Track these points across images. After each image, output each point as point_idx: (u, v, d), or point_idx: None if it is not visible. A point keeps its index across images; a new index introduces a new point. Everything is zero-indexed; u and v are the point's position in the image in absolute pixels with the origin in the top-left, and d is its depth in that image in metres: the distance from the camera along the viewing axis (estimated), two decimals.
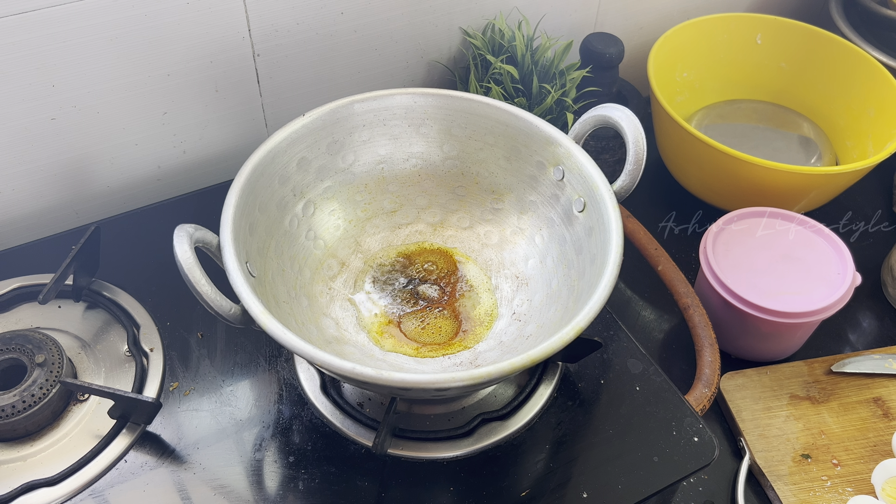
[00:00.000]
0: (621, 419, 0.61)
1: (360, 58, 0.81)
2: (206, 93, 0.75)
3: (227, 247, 0.52)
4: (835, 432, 0.70)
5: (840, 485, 0.66)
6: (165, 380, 0.63)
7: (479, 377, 0.47)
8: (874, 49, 0.92)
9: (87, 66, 0.68)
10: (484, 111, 0.65)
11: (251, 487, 0.56)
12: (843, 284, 0.72)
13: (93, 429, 0.59)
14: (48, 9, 0.63)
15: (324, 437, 0.59)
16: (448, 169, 0.69)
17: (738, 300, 0.72)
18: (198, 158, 0.80)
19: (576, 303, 0.56)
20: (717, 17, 0.96)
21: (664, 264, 0.75)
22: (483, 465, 0.58)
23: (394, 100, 0.66)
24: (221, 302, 0.51)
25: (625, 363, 0.65)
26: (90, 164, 0.75)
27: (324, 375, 0.62)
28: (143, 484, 0.56)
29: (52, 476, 0.56)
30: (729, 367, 0.75)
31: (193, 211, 0.76)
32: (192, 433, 0.59)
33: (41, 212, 0.76)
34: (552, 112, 0.80)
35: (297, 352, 0.47)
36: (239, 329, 0.57)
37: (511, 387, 0.63)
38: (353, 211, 0.68)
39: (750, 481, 0.68)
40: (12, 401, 0.57)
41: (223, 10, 0.70)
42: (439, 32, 0.84)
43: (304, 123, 0.62)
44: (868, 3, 0.95)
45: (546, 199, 0.65)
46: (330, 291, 0.65)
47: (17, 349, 0.60)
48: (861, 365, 0.75)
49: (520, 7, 0.86)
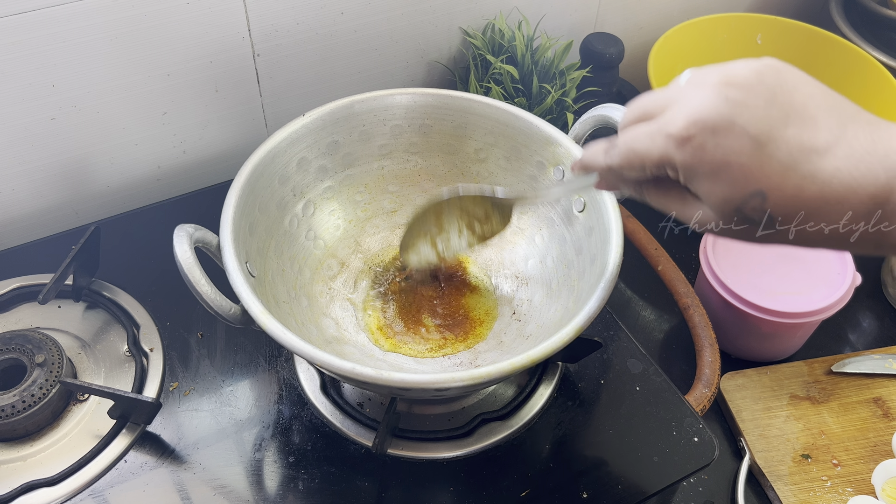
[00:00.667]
0: (621, 419, 0.61)
1: (360, 58, 0.81)
2: (206, 93, 0.75)
3: (227, 247, 0.52)
4: (835, 432, 0.70)
5: (840, 485, 0.66)
6: (165, 380, 0.63)
7: (479, 377, 0.47)
8: (874, 49, 0.92)
9: (87, 66, 0.68)
10: (484, 111, 0.65)
11: (251, 487, 0.56)
12: (843, 284, 0.72)
13: (93, 429, 0.59)
14: (48, 9, 0.63)
15: (324, 437, 0.59)
16: (448, 169, 0.69)
17: (738, 300, 0.72)
18: (198, 158, 0.80)
19: (576, 303, 0.56)
20: (717, 17, 0.96)
21: (664, 264, 0.75)
22: (483, 465, 0.58)
23: (394, 100, 0.66)
24: (221, 302, 0.51)
25: (625, 363, 0.65)
26: (90, 164, 0.75)
27: (324, 375, 0.62)
28: (143, 484, 0.56)
29: (52, 476, 0.56)
30: (729, 368, 0.75)
31: (193, 211, 0.76)
32: (192, 433, 0.59)
33: (41, 212, 0.76)
34: (552, 112, 0.80)
35: (297, 352, 0.47)
36: (239, 329, 0.57)
37: (511, 387, 0.63)
38: (353, 211, 0.68)
39: (750, 481, 0.68)
40: (12, 401, 0.57)
41: (223, 10, 0.70)
42: (439, 32, 0.84)
43: (304, 123, 0.62)
44: (868, 3, 0.95)
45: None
46: (330, 291, 0.65)
47: (17, 349, 0.60)
48: (861, 365, 0.75)
49: (520, 7, 0.86)
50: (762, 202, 0.37)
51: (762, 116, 0.37)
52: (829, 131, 0.37)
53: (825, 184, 0.36)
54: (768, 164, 0.36)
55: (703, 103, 0.37)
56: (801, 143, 0.36)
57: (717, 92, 0.37)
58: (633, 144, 0.41)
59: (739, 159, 0.37)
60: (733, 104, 0.37)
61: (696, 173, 0.38)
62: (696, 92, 0.38)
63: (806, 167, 0.36)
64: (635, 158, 0.41)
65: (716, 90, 0.37)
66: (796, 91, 0.37)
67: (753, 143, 0.36)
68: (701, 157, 0.37)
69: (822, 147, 0.36)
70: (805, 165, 0.36)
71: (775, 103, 0.37)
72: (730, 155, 0.37)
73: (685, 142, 0.38)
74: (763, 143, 0.36)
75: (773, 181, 0.37)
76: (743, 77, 0.37)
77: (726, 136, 0.37)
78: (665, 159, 0.39)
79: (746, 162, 0.37)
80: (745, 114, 0.37)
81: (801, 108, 0.37)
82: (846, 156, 0.36)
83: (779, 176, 0.36)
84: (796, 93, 0.37)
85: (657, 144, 0.39)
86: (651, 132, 0.40)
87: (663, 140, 0.39)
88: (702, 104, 0.37)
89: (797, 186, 0.36)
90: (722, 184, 0.38)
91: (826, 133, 0.37)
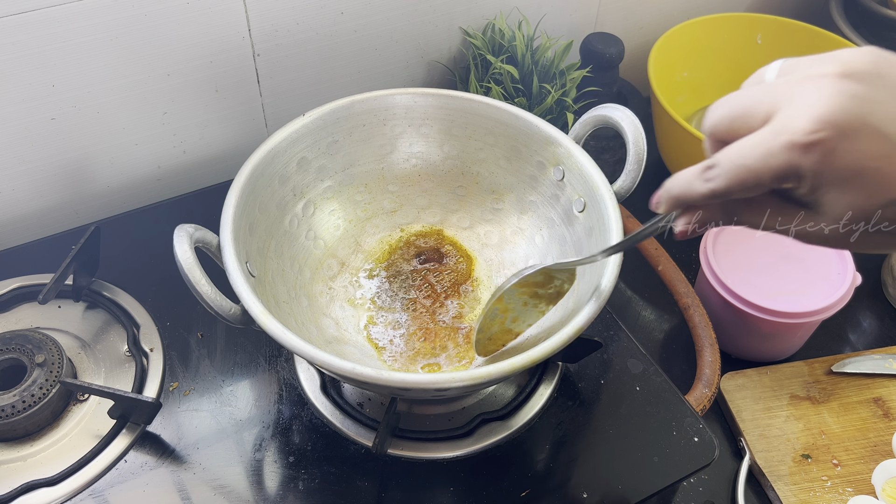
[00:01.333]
0: (621, 419, 0.61)
1: (360, 58, 0.81)
2: (206, 93, 0.75)
3: (227, 247, 0.52)
4: (835, 432, 0.70)
5: (840, 485, 0.66)
6: (165, 380, 0.63)
7: (479, 377, 0.47)
8: None
9: (87, 66, 0.68)
10: (484, 111, 0.65)
11: (251, 487, 0.56)
12: (843, 284, 0.72)
13: (93, 429, 0.59)
14: (48, 9, 0.63)
15: (324, 438, 0.59)
16: (448, 169, 0.69)
17: (739, 300, 0.72)
18: (198, 158, 0.80)
19: (576, 303, 0.56)
20: (717, 17, 0.96)
21: (664, 264, 0.75)
22: (483, 465, 0.58)
23: (394, 100, 0.66)
24: (221, 302, 0.51)
25: (625, 363, 0.65)
26: (90, 164, 0.75)
27: (324, 375, 0.62)
28: (143, 484, 0.56)
29: (52, 476, 0.56)
30: (729, 368, 0.75)
31: (193, 211, 0.76)
32: (192, 433, 0.59)
33: (41, 212, 0.76)
34: (552, 112, 0.80)
35: (297, 352, 0.47)
36: (239, 329, 0.57)
37: (511, 387, 0.63)
38: (353, 211, 0.68)
39: (750, 481, 0.68)
40: (12, 401, 0.57)
41: (223, 10, 0.70)
42: (439, 32, 0.84)
43: (304, 123, 0.62)
44: (868, 3, 0.95)
45: (546, 199, 0.65)
46: (330, 291, 0.65)
47: (17, 349, 0.60)
48: (861, 365, 0.75)
49: (520, 7, 0.86)
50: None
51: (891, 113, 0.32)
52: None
53: None
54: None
55: (827, 101, 0.32)
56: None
57: (838, 86, 0.32)
58: (744, 160, 0.34)
59: (875, 164, 0.32)
60: (861, 101, 0.32)
61: (823, 182, 0.33)
62: (811, 87, 0.33)
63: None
64: (749, 177, 0.34)
65: (836, 85, 0.32)
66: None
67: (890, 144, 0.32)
68: (831, 163, 0.32)
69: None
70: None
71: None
72: (865, 160, 0.32)
73: (812, 147, 0.32)
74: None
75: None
76: (861, 68, 0.32)
77: (859, 138, 0.32)
78: (790, 170, 0.33)
79: (883, 166, 0.32)
80: (875, 111, 0.32)
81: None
82: None
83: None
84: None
85: (778, 155, 0.33)
86: (765, 141, 0.33)
87: (785, 148, 0.32)
88: (824, 102, 0.32)
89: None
90: (854, 193, 0.33)
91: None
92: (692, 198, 0.37)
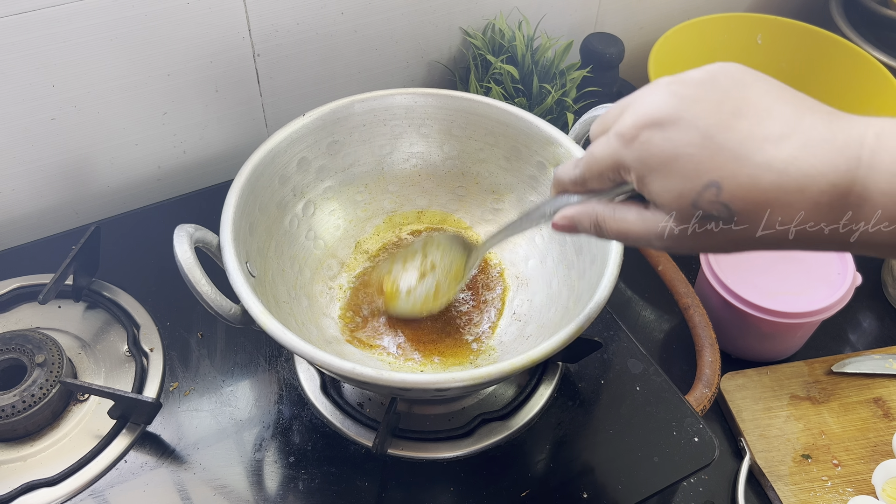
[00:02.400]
0: (621, 419, 0.61)
1: (360, 58, 0.81)
2: (206, 93, 0.75)
3: (227, 247, 0.52)
4: (835, 432, 0.70)
5: (840, 485, 0.66)
6: (165, 380, 0.63)
7: (479, 377, 0.47)
8: (874, 49, 0.92)
9: (87, 66, 0.68)
10: (484, 111, 0.65)
11: (251, 487, 0.56)
12: (843, 284, 0.72)
13: (93, 429, 0.59)
14: (48, 9, 0.63)
15: (324, 438, 0.59)
16: (448, 169, 0.69)
17: (739, 300, 0.72)
18: (198, 158, 0.80)
19: (576, 303, 0.56)
20: (717, 17, 0.96)
21: (664, 264, 0.75)
22: (483, 465, 0.58)
23: (394, 100, 0.66)
24: (221, 302, 0.51)
25: (625, 363, 0.65)
26: (90, 164, 0.75)
27: (324, 375, 0.62)
28: (143, 484, 0.56)
29: (52, 476, 0.56)
30: (729, 368, 0.75)
31: (193, 211, 0.76)
32: (192, 433, 0.59)
33: (41, 212, 0.76)
34: (552, 112, 0.80)
35: (297, 352, 0.47)
36: (239, 329, 0.57)
37: (511, 387, 0.63)
38: (353, 211, 0.68)
39: (750, 481, 0.68)
40: (12, 401, 0.57)
41: (223, 10, 0.70)
42: (439, 32, 0.84)
43: (304, 123, 0.62)
44: (868, 3, 0.95)
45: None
46: (330, 291, 0.65)
47: (17, 349, 0.60)
48: (861, 365, 0.75)
49: (520, 7, 0.86)
50: (717, 193, 0.36)
51: (712, 110, 0.36)
52: (783, 121, 0.36)
53: (781, 172, 0.35)
54: (719, 153, 0.36)
55: (652, 102, 0.38)
56: (753, 133, 0.36)
57: (667, 90, 0.38)
58: (592, 150, 0.41)
59: (688, 150, 0.36)
60: (680, 99, 0.37)
61: (647, 170, 0.38)
62: (647, 93, 0.39)
63: (760, 156, 0.35)
64: (595, 164, 0.41)
65: (666, 89, 0.38)
66: (751, 87, 0.37)
67: (702, 134, 0.36)
68: (649, 151, 0.37)
69: (776, 136, 0.35)
70: (759, 154, 0.35)
71: (728, 98, 0.37)
72: (678, 147, 0.36)
73: (633, 139, 0.38)
74: (712, 135, 0.36)
75: (727, 170, 0.36)
76: (695, 76, 0.38)
77: (673, 129, 0.37)
78: (617, 160, 0.39)
79: (696, 153, 0.36)
80: (694, 108, 0.37)
81: (755, 102, 0.36)
82: (802, 144, 0.35)
83: (732, 165, 0.35)
84: (751, 88, 0.37)
85: (609, 146, 0.39)
86: (606, 136, 0.40)
87: (613, 140, 0.39)
88: (650, 101, 0.38)
89: (752, 175, 0.35)
90: (673, 178, 0.37)
91: (780, 123, 0.36)
92: (564, 181, 0.45)
